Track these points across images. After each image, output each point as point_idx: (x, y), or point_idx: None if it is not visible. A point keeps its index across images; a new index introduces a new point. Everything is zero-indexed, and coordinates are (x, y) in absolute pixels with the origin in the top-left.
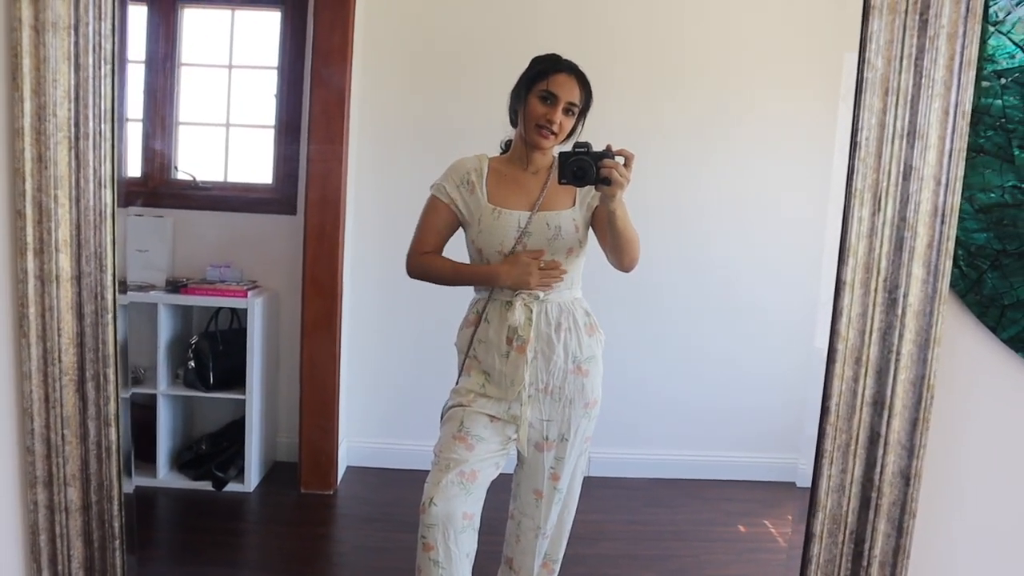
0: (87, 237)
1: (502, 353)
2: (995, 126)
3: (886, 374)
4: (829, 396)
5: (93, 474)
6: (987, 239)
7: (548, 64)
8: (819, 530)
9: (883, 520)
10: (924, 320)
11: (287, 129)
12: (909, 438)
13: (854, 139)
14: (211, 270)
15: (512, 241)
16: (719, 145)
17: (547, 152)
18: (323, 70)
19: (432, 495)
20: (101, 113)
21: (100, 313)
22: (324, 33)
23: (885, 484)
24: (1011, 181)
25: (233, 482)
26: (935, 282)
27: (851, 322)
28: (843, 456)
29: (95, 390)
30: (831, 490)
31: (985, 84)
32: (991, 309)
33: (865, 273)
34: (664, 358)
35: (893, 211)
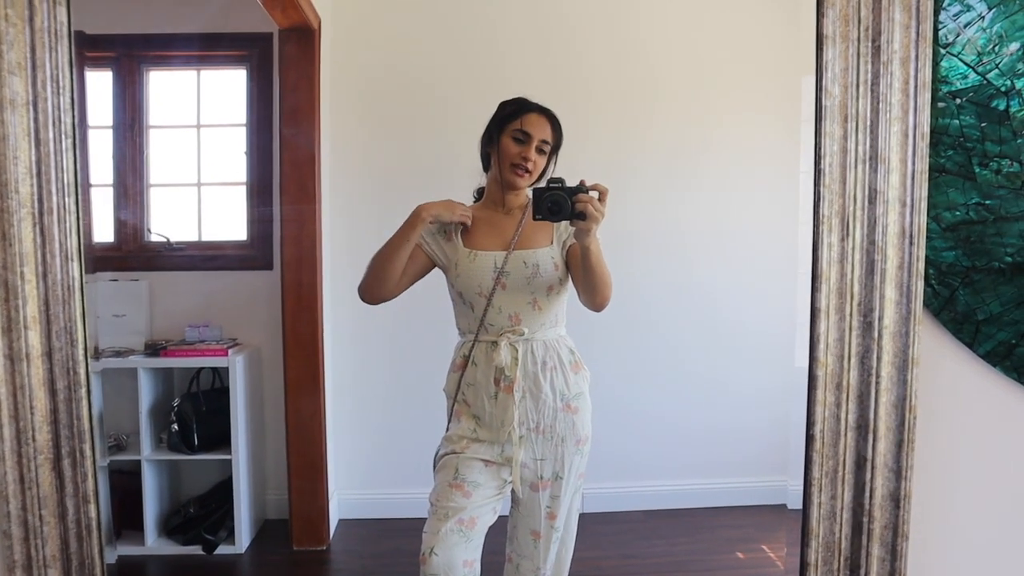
0: (56, 312)
1: (490, 395)
2: (954, 145)
3: (867, 397)
4: (813, 423)
5: (74, 553)
6: (956, 257)
7: (518, 106)
8: (814, 559)
9: (876, 544)
10: (901, 341)
11: (259, 185)
12: (896, 460)
13: (818, 166)
14: (190, 330)
15: (491, 281)
16: (694, 172)
17: (521, 192)
18: (291, 128)
19: (432, 544)
20: (64, 187)
21: (73, 388)
22: (290, 92)
23: (875, 508)
24: (974, 198)
25: (224, 544)
26: (908, 303)
27: (829, 348)
28: (831, 483)
29: (72, 467)
30: (822, 517)
31: (941, 105)
32: (966, 325)
33: (839, 299)
34: (652, 386)
35: (862, 235)
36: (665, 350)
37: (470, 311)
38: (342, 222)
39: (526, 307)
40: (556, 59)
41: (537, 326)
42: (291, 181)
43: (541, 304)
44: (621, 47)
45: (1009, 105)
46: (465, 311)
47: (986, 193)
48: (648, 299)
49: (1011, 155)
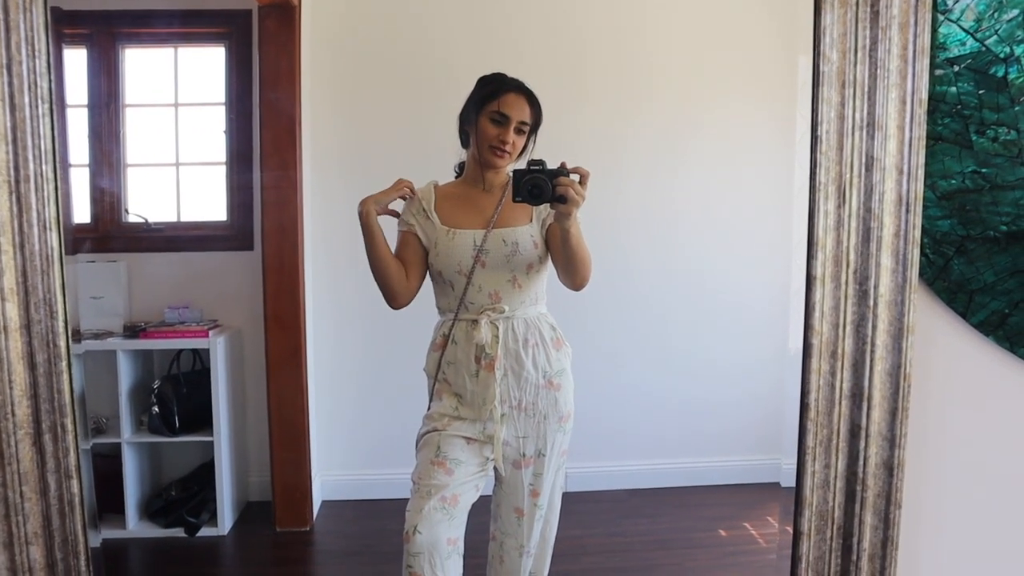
0: (34, 284)
1: (471, 373)
2: (951, 113)
3: (862, 366)
4: (808, 391)
5: (56, 530)
6: (951, 226)
7: (497, 85)
8: (807, 527)
9: (869, 512)
10: (896, 310)
11: (238, 163)
12: (890, 428)
13: (815, 133)
14: (169, 312)
15: (470, 260)
16: (688, 151)
17: (501, 170)
18: (271, 99)
19: (415, 523)
20: (41, 154)
21: (53, 361)
22: (270, 62)
23: (869, 476)
24: (971, 167)
25: (206, 526)
26: (904, 271)
27: (824, 316)
28: (825, 451)
29: (53, 442)
30: (816, 486)
31: (939, 72)
32: (959, 295)
33: (835, 266)
34: (639, 363)
35: (858, 203)
36: (653, 328)
37: (450, 289)
38: (322, 200)
39: (506, 285)
40: (549, 35)
41: (517, 304)
42: (271, 150)
43: (521, 282)
44: (615, 26)
45: (1008, 72)
46: (445, 290)
47: (982, 161)
48: (637, 277)
49: (1008, 123)
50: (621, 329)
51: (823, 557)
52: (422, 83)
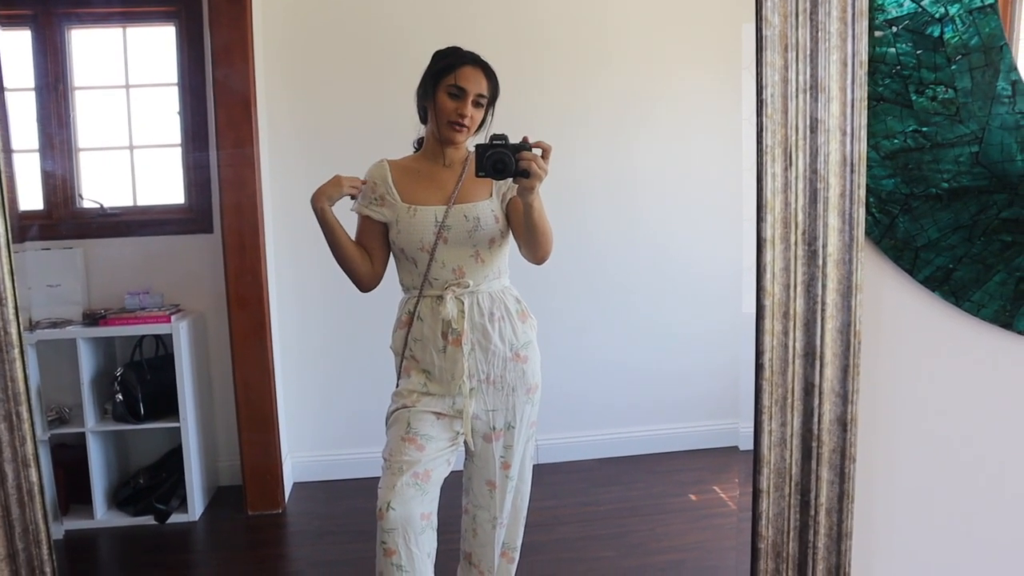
0: None
1: (439, 348)
2: (891, 74)
3: (814, 325)
4: (762, 352)
5: (16, 520)
6: (895, 184)
7: (453, 58)
8: (766, 485)
9: (825, 468)
10: (844, 268)
11: (194, 144)
12: (842, 385)
13: (760, 96)
14: (129, 298)
15: (432, 236)
16: (645, 120)
17: (460, 145)
18: (224, 76)
19: (388, 499)
20: None
21: (5, 349)
22: (221, 40)
23: (824, 432)
24: (911, 126)
25: (176, 513)
26: (851, 230)
27: (775, 277)
28: (781, 410)
29: (8, 431)
30: (773, 445)
31: (878, 34)
32: (905, 252)
33: (784, 228)
34: (604, 333)
35: (804, 164)
36: (616, 298)
37: (413, 266)
38: (281, 178)
39: (469, 260)
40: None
41: (481, 278)
42: (227, 130)
43: (484, 257)
44: None
45: (943, 31)
46: (408, 267)
47: (923, 120)
48: (599, 246)
49: (946, 81)
50: (585, 300)
51: (782, 513)
52: (378, 57)
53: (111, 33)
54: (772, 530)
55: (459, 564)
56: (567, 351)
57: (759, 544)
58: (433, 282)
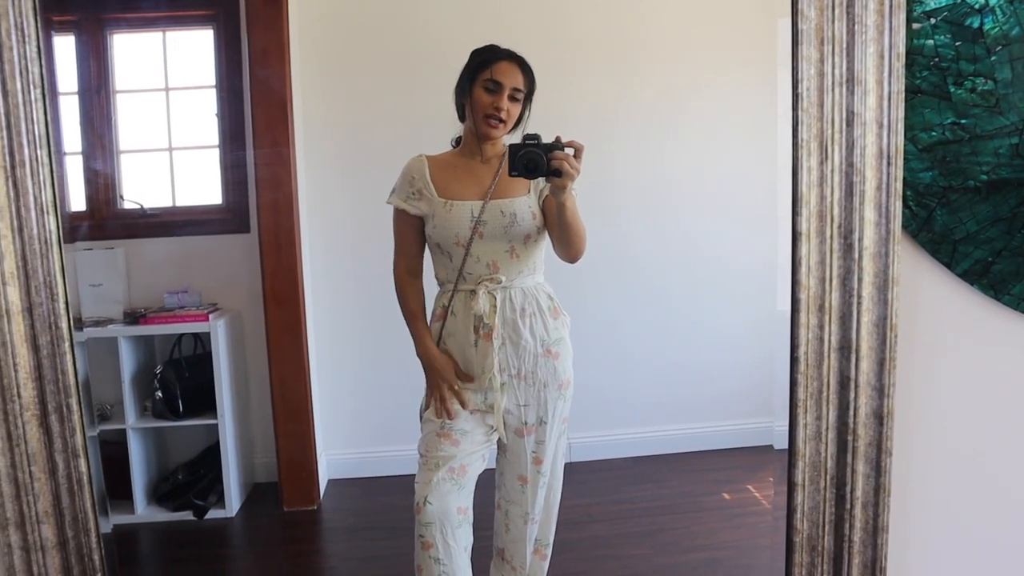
0: (34, 267)
1: (470, 343)
2: (929, 66)
3: (849, 318)
4: (797, 345)
5: (66, 509)
6: (933, 177)
7: (489, 54)
8: (801, 479)
9: (861, 462)
10: (881, 262)
11: (232, 145)
12: (878, 378)
13: (795, 90)
14: (169, 297)
15: (468, 231)
16: (678, 119)
17: (497, 141)
18: (261, 77)
19: (425, 494)
20: (36, 139)
21: (56, 343)
22: (259, 42)
23: (859, 426)
24: (950, 118)
25: (214, 508)
26: (887, 223)
27: (811, 271)
28: (816, 403)
29: (59, 423)
30: (808, 438)
31: (916, 26)
32: (943, 245)
33: (819, 221)
34: (638, 331)
35: (840, 158)
36: (650, 295)
37: (448, 261)
38: (318, 179)
39: (504, 255)
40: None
41: (515, 274)
42: (263, 129)
43: (519, 252)
44: None
45: (983, 22)
46: (443, 261)
47: (961, 112)
48: (633, 245)
49: (985, 73)
50: (619, 298)
51: (817, 507)
52: (412, 56)
53: (151, 37)
54: (807, 524)
55: (492, 560)
56: (600, 349)
57: (794, 538)
58: (467, 276)
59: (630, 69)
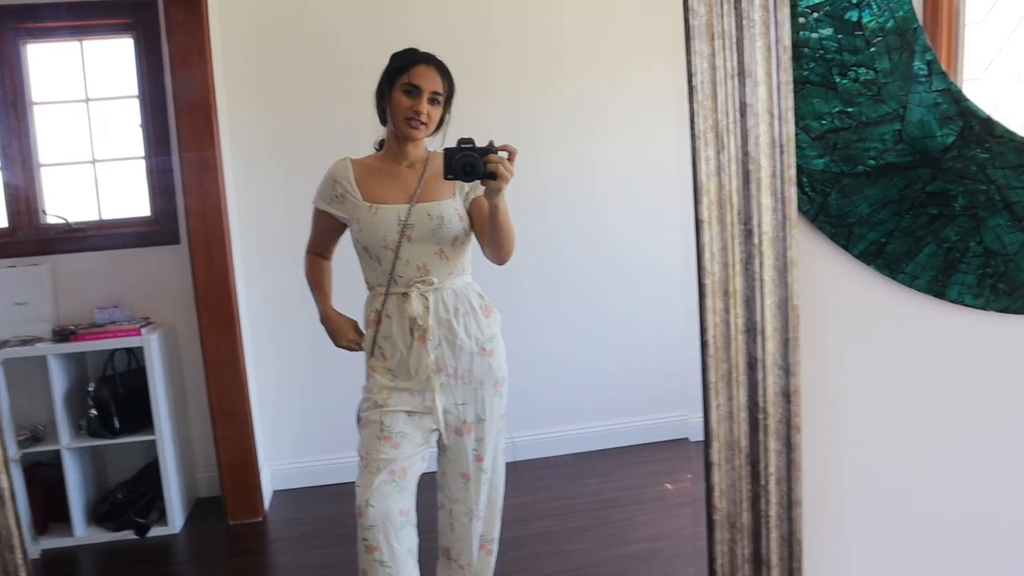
0: None
1: (407, 345)
2: (815, 57)
3: (754, 301)
4: (705, 329)
5: None
6: (826, 163)
7: (407, 58)
8: (716, 458)
9: (772, 439)
10: (779, 246)
11: (157, 156)
12: (784, 358)
13: (690, 83)
14: (99, 312)
15: (395, 234)
16: (602, 119)
17: (420, 144)
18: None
19: (367, 497)
20: None
21: None
22: (180, 48)
23: (769, 404)
24: (837, 107)
25: (156, 526)
26: (783, 208)
27: (714, 256)
28: (727, 385)
29: None
30: (721, 419)
31: (801, 20)
32: (840, 228)
33: (719, 209)
34: (572, 330)
35: (736, 147)
36: (579, 295)
37: (377, 264)
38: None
39: (433, 257)
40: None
41: (445, 275)
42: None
43: (448, 254)
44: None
45: (861, 16)
46: (372, 265)
47: (847, 101)
48: (561, 245)
49: (866, 63)
50: (550, 297)
51: (734, 484)
52: (336, 60)
53: (68, 47)
54: (725, 501)
55: (438, 561)
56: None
57: (714, 516)
58: (399, 279)
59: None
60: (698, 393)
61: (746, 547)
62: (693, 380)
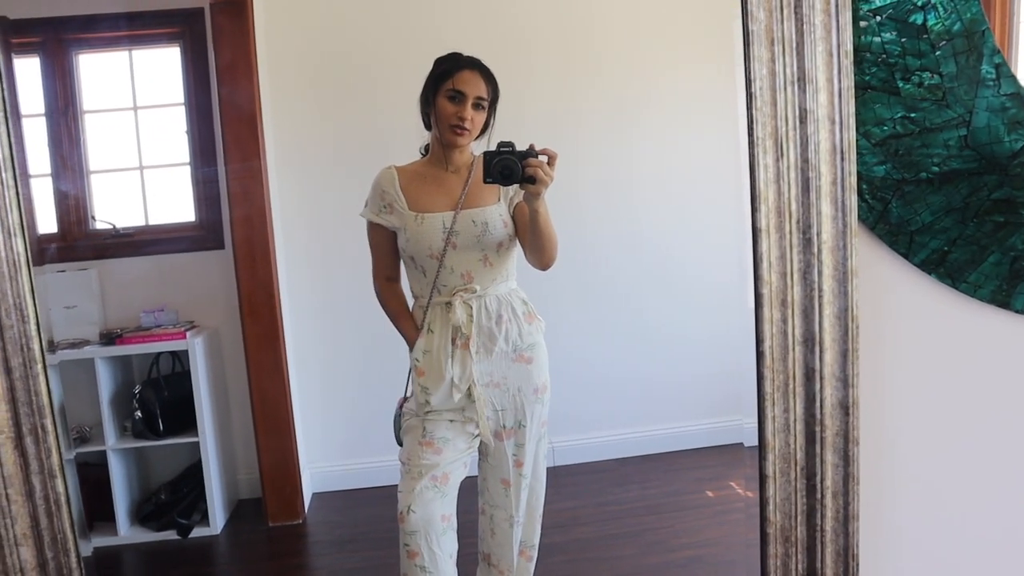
0: (3, 290)
1: (448, 354)
2: (878, 62)
3: (812, 311)
4: (762, 340)
5: (45, 530)
6: (887, 170)
7: (451, 63)
8: (772, 471)
9: (829, 452)
10: (839, 255)
11: (203, 162)
12: (842, 369)
13: (749, 90)
14: (145, 316)
15: (441, 243)
16: (639, 124)
17: (465, 150)
18: (230, 99)
19: (409, 503)
20: (0, 162)
21: (28, 365)
22: (225, 58)
23: (826, 417)
24: (900, 112)
25: (198, 527)
26: (844, 217)
27: (772, 266)
28: (783, 396)
29: (35, 444)
30: (777, 431)
31: (863, 24)
32: (900, 236)
33: (778, 217)
34: (613, 337)
35: (795, 154)
36: (619, 302)
37: (422, 275)
38: (291, 191)
39: (477, 264)
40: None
41: (489, 282)
42: (234, 148)
43: (492, 260)
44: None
45: (926, 19)
46: (417, 275)
47: (910, 106)
48: (599, 251)
49: (931, 67)
50: (590, 303)
51: (789, 498)
52: (379, 66)
53: (118, 56)
54: (780, 515)
55: (478, 567)
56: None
57: (767, 529)
58: (442, 288)
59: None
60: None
61: (801, 561)
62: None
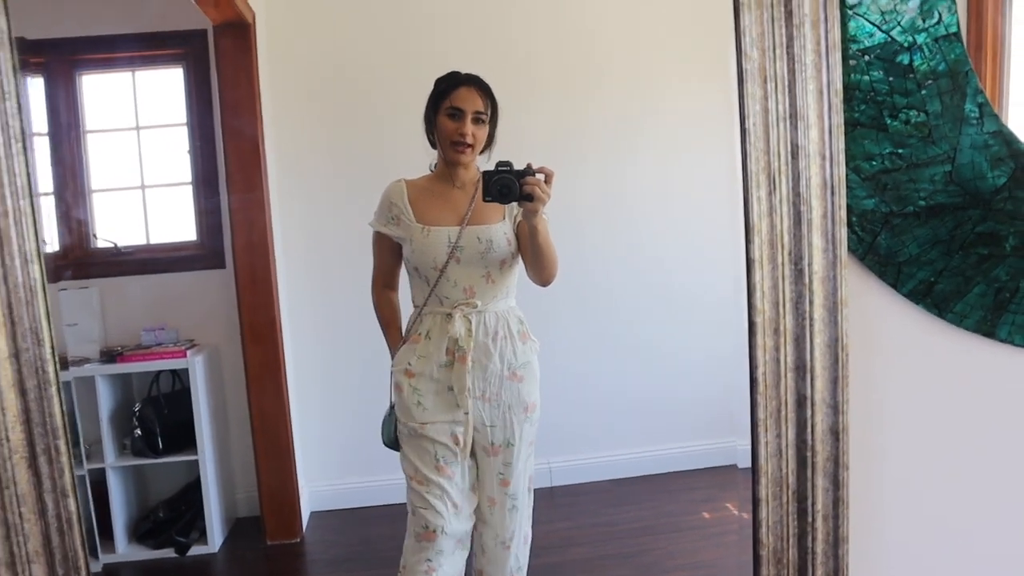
0: (20, 315)
1: (442, 364)
2: (866, 100)
3: (803, 340)
4: (755, 367)
5: (56, 548)
6: (876, 204)
7: (449, 82)
8: (764, 494)
9: (820, 476)
10: (830, 285)
11: (205, 183)
12: (832, 396)
13: (743, 125)
14: (145, 334)
15: (444, 256)
16: (637, 144)
17: (470, 167)
18: (232, 121)
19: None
20: (18, 190)
21: (43, 387)
22: (228, 80)
23: (817, 442)
24: (888, 148)
25: (196, 545)
26: (834, 249)
27: (765, 295)
28: (776, 422)
29: (48, 464)
30: (770, 455)
31: (852, 63)
32: (889, 267)
33: (771, 249)
34: (610, 355)
35: (787, 188)
36: (616, 321)
37: (426, 285)
38: (292, 211)
39: (480, 280)
40: (495, 37)
41: (490, 298)
42: (236, 172)
43: (495, 277)
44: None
45: (912, 59)
46: (421, 285)
47: (898, 143)
48: (597, 270)
49: (917, 106)
50: (588, 322)
51: (781, 520)
52: (381, 87)
53: (121, 77)
54: (772, 537)
55: None
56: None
57: (760, 551)
58: (444, 300)
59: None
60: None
61: None
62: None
